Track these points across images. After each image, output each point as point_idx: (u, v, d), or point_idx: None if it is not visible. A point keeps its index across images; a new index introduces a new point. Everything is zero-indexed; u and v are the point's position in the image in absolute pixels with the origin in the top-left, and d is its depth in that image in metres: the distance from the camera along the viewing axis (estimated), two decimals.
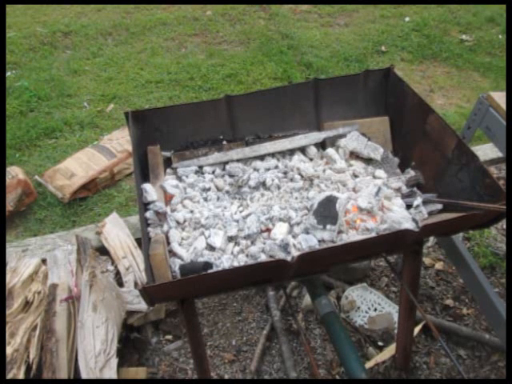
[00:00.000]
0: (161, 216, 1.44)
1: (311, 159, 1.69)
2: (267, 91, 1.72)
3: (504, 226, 2.40)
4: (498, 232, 2.38)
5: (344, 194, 1.47)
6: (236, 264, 1.32)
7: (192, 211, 1.48)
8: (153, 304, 1.19)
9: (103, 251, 2.09)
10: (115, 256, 2.06)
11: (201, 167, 1.64)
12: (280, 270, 1.17)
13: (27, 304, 1.73)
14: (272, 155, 1.68)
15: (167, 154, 1.65)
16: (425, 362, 1.88)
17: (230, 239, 1.39)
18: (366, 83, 1.74)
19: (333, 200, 1.35)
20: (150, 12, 4.43)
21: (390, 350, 1.82)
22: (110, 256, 2.08)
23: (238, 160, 1.64)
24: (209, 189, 1.57)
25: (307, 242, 1.32)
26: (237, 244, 1.39)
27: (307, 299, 2.03)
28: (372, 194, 1.48)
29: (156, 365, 1.88)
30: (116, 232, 2.16)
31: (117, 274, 2.03)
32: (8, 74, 3.53)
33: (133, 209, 2.47)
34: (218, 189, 1.59)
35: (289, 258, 1.11)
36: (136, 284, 1.95)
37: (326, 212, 1.34)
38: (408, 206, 1.47)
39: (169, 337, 1.98)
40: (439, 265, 2.25)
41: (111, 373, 1.58)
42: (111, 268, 2.02)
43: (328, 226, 1.32)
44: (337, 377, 1.83)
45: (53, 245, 2.18)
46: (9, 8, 4.32)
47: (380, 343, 1.90)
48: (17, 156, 2.81)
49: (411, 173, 1.60)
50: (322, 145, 1.71)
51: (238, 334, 1.99)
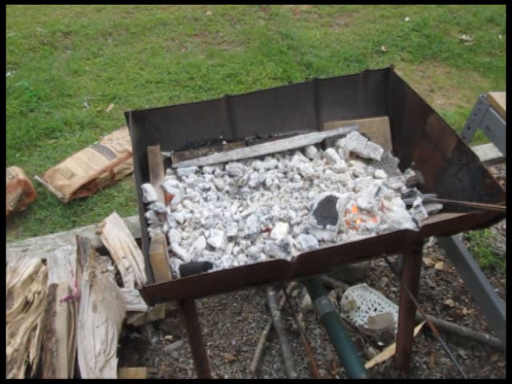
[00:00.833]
0: (161, 216, 1.44)
1: (311, 159, 1.69)
2: (267, 91, 1.72)
3: (504, 226, 2.40)
4: (498, 232, 2.38)
5: (344, 194, 1.47)
6: (236, 264, 1.32)
7: (192, 211, 1.48)
8: (153, 304, 1.19)
9: (103, 251, 2.09)
10: (115, 256, 2.06)
11: (201, 167, 1.64)
12: (280, 270, 1.17)
13: (27, 304, 1.73)
14: (272, 155, 1.68)
15: (167, 154, 1.65)
16: (425, 362, 1.88)
17: (230, 239, 1.39)
18: (366, 83, 1.74)
19: (333, 200, 1.35)
20: (150, 12, 4.43)
21: (390, 350, 1.81)
22: (110, 256, 2.08)
23: (238, 160, 1.64)
24: (209, 189, 1.57)
25: (307, 242, 1.32)
26: (237, 244, 1.39)
27: (307, 299, 2.03)
28: (372, 194, 1.48)
29: (156, 365, 1.88)
30: (116, 232, 2.16)
31: (117, 274, 2.03)
32: (8, 74, 3.53)
33: (133, 209, 2.47)
34: (218, 189, 1.59)
35: (289, 258, 1.11)
36: (136, 284, 1.95)
37: (326, 212, 1.34)
38: (408, 206, 1.47)
39: (169, 337, 1.98)
40: (439, 265, 2.25)
41: (111, 373, 1.58)
42: (111, 268, 2.02)
43: (328, 226, 1.32)
44: (337, 377, 1.83)
45: (53, 245, 2.18)
46: (9, 8, 4.32)
47: (380, 343, 1.90)
48: (17, 156, 2.81)
49: (411, 173, 1.60)
50: (322, 145, 1.71)
51: (238, 334, 1.99)
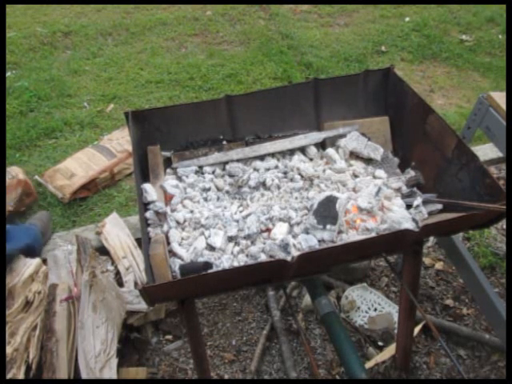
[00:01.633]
0: (161, 216, 1.44)
1: (311, 159, 1.69)
2: (267, 91, 1.72)
3: (504, 226, 2.40)
4: (498, 232, 2.38)
5: (344, 194, 1.47)
6: (236, 264, 1.31)
7: (192, 211, 1.48)
8: (153, 304, 1.19)
9: (103, 251, 2.09)
10: (115, 256, 2.06)
11: (201, 167, 1.64)
12: (280, 270, 1.17)
13: (27, 304, 1.73)
14: (272, 155, 1.68)
15: (167, 154, 1.65)
16: (425, 362, 1.88)
17: (230, 239, 1.39)
18: (366, 83, 1.74)
19: (333, 200, 1.35)
20: (150, 12, 4.43)
21: (390, 350, 1.81)
22: (110, 256, 2.07)
23: (238, 160, 1.64)
24: (209, 189, 1.57)
25: (307, 242, 1.32)
26: (237, 244, 1.39)
27: (307, 299, 2.03)
28: (372, 194, 1.48)
29: (156, 365, 1.88)
30: (116, 232, 2.16)
31: (117, 274, 2.03)
32: (8, 74, 3.53)
33: (133, 209, 2.47)
34: (218, 189, 1.59)
35: (289, 258, 1.11)
36: (136, 284, 1.95)
37: (326, 212, 1.34)
38: (408, 206, 1.47)
39: (169, 337, 1.98)
40: (439, 265, 2.25)
41: (111, 373, 1.58)
42: (111, 268, 2.02)
43: (328, 226, 1.32)
44: (337, 377, 1.83)
45: (53, 245, 2.18)
46: (9, 8, 4.31)
47: (380, 343, 1.90)
48: (17, 156, 2.81)
49: (411, 173, 1.60)
50: (322, 145, 1.71)
51: (238, 334, 1.99)
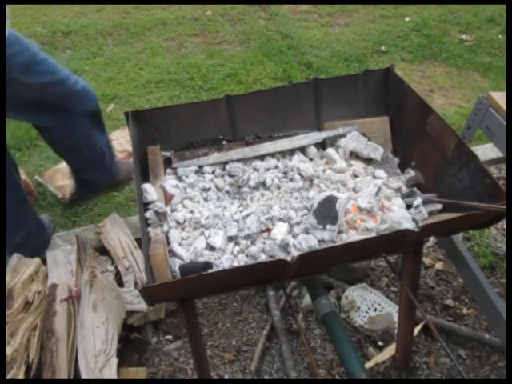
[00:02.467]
0: (161, 216, 1.44)
1: (311, 159, 1.69)
2: (267, 91, 1.72)
3: (504, 226, 2.39)
4: (498, 232, 2.38)
5: (344, 194, 1.47)
6: (236, 264, 1.31)
7: (192, 211, 1.48)
8: (153, 304, 1.19)
9: (103, 251, 2.09)
10: (115, 256, 2.06)
11: (201, 167, 1.64)
12: (280, 270, 1.17)
13: (27, 304, 1.73)
14: (272, 155, 1.68)
15: (167, 154, 1.65)
16: (425, 362, 1.88)
17: (230, 239, 1.39)
18: (366, 83, 1.74)
19: (333, 200, 1.35)
20: (150, 12, 4.43)
21: (390, 350, 1.81)
22: (110, 256, 2.07)
23: (238, 160, 1.64)
24: (209, 189, 1.57)
25: (307, 242, 1.32)
26: (237, 244, 1.39)
27: (307, 299, 2.03)
28: (372, 194, 1.48)
29: (156, 365, 1.88)
30: (116, 232, 2.16)
31: (117, 274, 2.03)
32: None
33: (133, 209, 2.47)
34: (218, 189, 1.59)
35: (289, 258, 1.11)
36: (136, 284, 1.95)
37: (326, 212, 1.34)
38: (408, 206, 1.47)
39: (169, 337, 1.98)
40: (439, 265, 2.25)
41: (111, 373, 1.58)
42: (111, 268, 2.02)
43: (328, 226, 1.32)
44: (337, 377, 1.83)
45: (53, 245, 2.18)
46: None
47: (380, 343, 1.90)
48: (17, 156, 2.80)
49: (411, 173, 1.60)
50: (322, 145, 1.71)
51: (238, 334, 1.99)
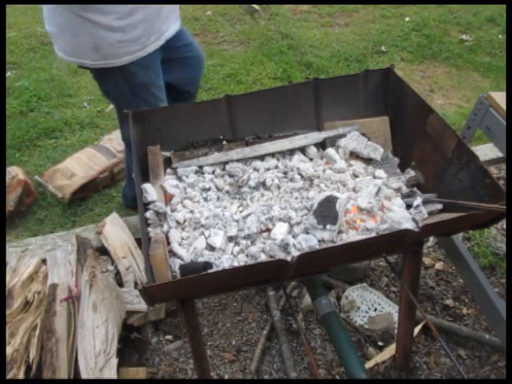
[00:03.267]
0: (161, 216, 1.44)
1: (311, 159, 1.69)
2: (267, 91, 1.72)
3: (504, 226, 2.39)
4: (498, 232, 2.38)
5: (344, 194, 1.47)
6: (236, 264, 1.31)
7: (192, 211, 1.47)
8: (153, 304, 1.19)
9: (103, 251, 2.09)
10: (115, 256, 2.06)
11: (201, 167, 1.64)
12: (280, 270, 1.17)
13: (27, 304, 1.74)
14: (272, 155, 1.68)
15: (167, 154, 1.64)
16: (425, 362, 1.88)
17: (230, 239, 1.39)
18: (366, 83, 1.74)
19: (333, 200, 1.35)
20: None
21: (390, 350, 1.81)
22: (110, 256, 2.07)
23: (238, 160, 1.64)
24: (209, 189, 1.57)
25: (307, 242, 1.32)
26: (237, 244, 1.38)
27: (307, 299, 2.03)
28: (372, 194, 1.48)
29: (156, 365, 1.88)
30: (116, 232, 2.16)
31: (117, 274, 2.03)
32: (8, 74, 3.53)
33: None
34: (218, 189, 1.58)
35: (289, 258, 1.11)
36: (136, 284, 1.95)
37: (326, 212, 1.34)
38: (408, 206, 1.47)
39: (169, 337, 1.98)
40: (439, 265, 2.25)
41: (111, 373, 1.58)
42: (111, 268, 2.02)
43: (328, 226, 1.32)
44: (337, 377, 1.83)
45: (53, 245, 2.17)
46: (9, 8, 4.31)
47: (380, 343, 1.90)
48: (17, 156, 2.81)
49: (411, 173, 1.59)
50: (322, 145, 1.71)
51: (238, 334, 1.99)
